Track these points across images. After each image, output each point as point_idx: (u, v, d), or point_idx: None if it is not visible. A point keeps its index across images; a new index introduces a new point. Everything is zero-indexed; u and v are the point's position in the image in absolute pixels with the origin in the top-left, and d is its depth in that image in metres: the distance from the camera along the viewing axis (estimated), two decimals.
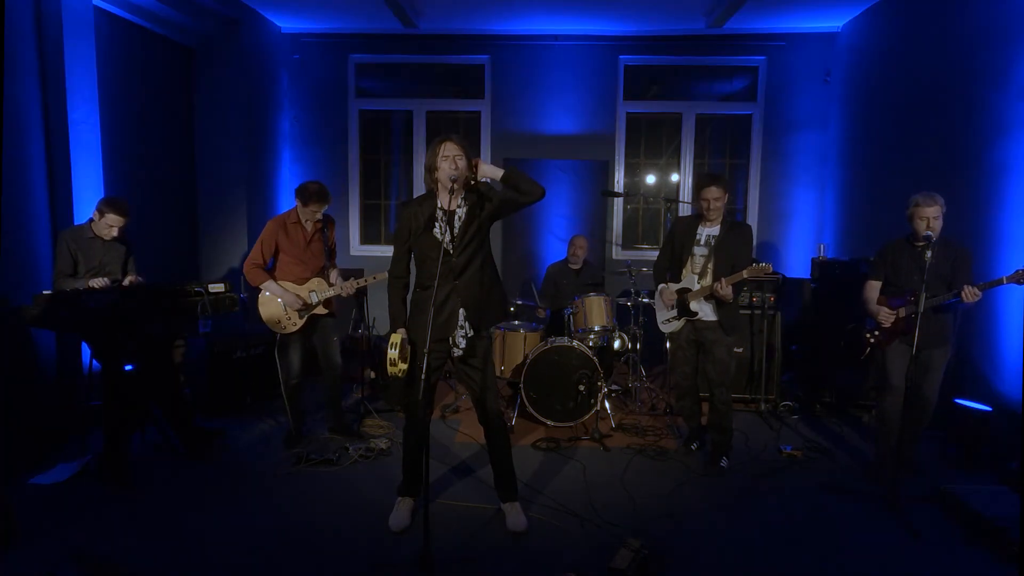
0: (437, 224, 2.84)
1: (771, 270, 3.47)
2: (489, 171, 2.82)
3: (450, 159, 2.75)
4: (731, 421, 3.75)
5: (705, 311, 3.66)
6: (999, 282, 3.12)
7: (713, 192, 3.54)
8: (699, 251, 3.68)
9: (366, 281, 3.95)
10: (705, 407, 4.18)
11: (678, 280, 3.77)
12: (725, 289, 3.47)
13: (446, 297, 2.84)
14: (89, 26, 4.21)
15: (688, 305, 3.67)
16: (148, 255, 4.47)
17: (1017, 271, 3.03)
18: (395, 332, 2.89)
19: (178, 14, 5.13)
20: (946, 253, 3.34)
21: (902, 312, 3.43)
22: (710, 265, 3.61)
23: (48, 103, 4.00)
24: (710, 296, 3.58)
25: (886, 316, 3.47)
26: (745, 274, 3.43)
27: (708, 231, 3.67)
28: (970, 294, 3.15)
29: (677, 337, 3.84)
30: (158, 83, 5.43)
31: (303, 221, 3.83)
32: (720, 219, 3.64)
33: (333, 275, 3.95)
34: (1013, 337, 3.88)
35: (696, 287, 3.65)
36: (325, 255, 3.91)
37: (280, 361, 3.86)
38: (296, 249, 3.81)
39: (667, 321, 3.87)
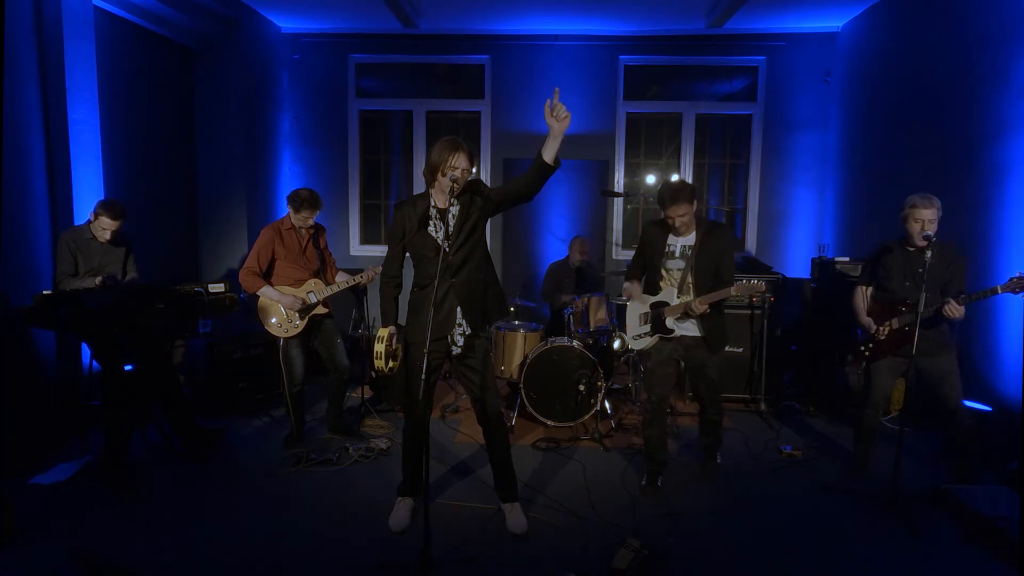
0: (432, 223, 2.84)
1: (763, 288, 3.20)
2: (554, 144, 2.60)
3: (459, 171, 2.76)
4: (722, 426, 3.67)
5: (687, 326, 3.33)
6: (993, 291, 3.00)
7: (680, 210, 3.18)
8: (674, 264, 3.34)
9: (357, 280, 3.96)
10: (688, 406, 4.17)
11: (654, 292, 3.43)
12: (701, 308, 3.17)
13: (444, 295, 2.85)
14: (89, 26, 4.21)
15: (664, 321, 3.32)
16: (148, 255, 4.47)
17: (1011, 279, 2.94)
18: (384, 328, 2.92)
19: (178, 14, 5.13)
20: (942, 258, 3.21)
21: (895, 323, 3.33)
22: (690, 279, 3.27)
23: (48, 103, 4.00)
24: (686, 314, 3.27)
25: (879, 329, 3.37)
26: (733, 291, 3.11)
27: (682, 241, 3.32)
28: (953, 310, 3.04)
29: (658, 352, 3.40)
30: (158, 83, 5.43)
31: (296, 227, 3.86)
32: (693, 227, 3.29)
33: (339, 277, 4.00)
34: (1013, 337, 3.88)
35: (675, 302, 3.31)
36: (319, 260, 3.94)
37: (284, 366, 3.87)
38: (293, 254, 3.84)
39: (638, 337, 3.50)
